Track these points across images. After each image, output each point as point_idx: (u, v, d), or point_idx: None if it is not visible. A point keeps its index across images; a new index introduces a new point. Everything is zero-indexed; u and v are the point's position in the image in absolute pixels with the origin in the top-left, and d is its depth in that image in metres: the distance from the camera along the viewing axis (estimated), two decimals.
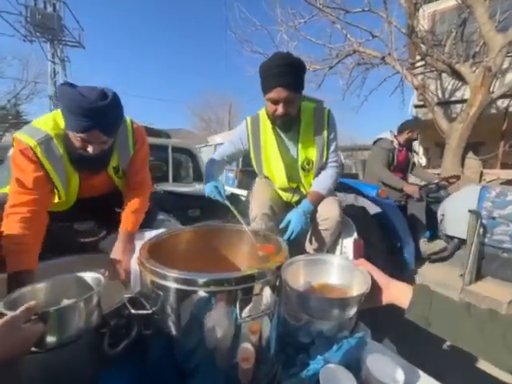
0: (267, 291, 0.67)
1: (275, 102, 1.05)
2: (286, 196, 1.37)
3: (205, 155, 7.42)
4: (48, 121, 0.98)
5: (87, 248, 1.32)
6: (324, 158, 1.23)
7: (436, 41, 5.63)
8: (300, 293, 0.68)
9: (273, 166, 1.28)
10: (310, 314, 0.69)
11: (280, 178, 1.27)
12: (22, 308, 0.48)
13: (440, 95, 6.88)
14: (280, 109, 1.05)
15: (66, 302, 0.62)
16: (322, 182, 1.22)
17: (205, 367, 0.70)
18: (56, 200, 1.09)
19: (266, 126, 1.24)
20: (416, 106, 7.52)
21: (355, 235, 1.31)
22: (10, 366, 0.44)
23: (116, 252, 1.04)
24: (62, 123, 0.96)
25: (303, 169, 1.25)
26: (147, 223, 1.25)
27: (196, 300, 0.64)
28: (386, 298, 0.65)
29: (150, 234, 1.09)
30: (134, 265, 0.89)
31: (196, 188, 2.13)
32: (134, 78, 61.27)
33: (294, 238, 1.07)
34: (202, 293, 0.62)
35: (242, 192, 2.23)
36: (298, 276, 0.79)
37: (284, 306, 0.81)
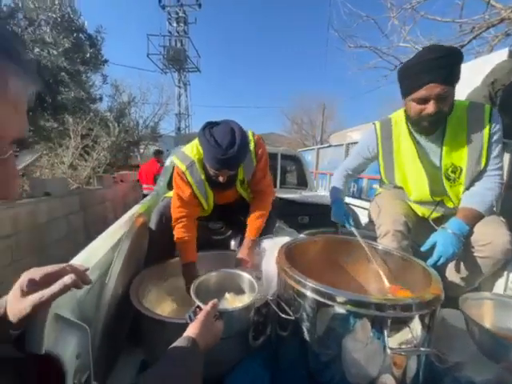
0: (421, 324, 0.60)
1: (424, 100, 0.91)
2: (423, 211, 1.17)
3: (323, 156, 7.32)
4: (193, 148, 1.26)
5: (218, 244, 1.58)
6: (481, 165, 0.97)
7: None
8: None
9: (409, 176, 1.12)
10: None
11: (420, 189, 1.10)
12: (209, 304, 0.61)
13: None
14: (430, 107, 0.90)
15: (227, 295, 0.76)
16: (480, 195, 0.97)
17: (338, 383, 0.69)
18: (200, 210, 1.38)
19: (399, 130, 1.10)
20: None
21: None
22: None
23: (242, 255, 1.20)
24: (201, 150, 1.21)
25: (447, 178, 1.03)
26: (269, 229, 1.36)
27: (337, 316, 0.64)
28: None
29: (274, 240, 1.19)
30: (267, 266, 0.98)
31: (303, 195, 2.17)
32: (235, 89, 69.00)
33: (441, 265, 0.90)
34: (342, 310, 0.62)
35: (352, 200, 2.10)
36: (485, 315, 0.67)
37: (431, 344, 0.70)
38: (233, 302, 0.80)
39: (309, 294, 0.67)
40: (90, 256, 0.77)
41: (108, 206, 3.88)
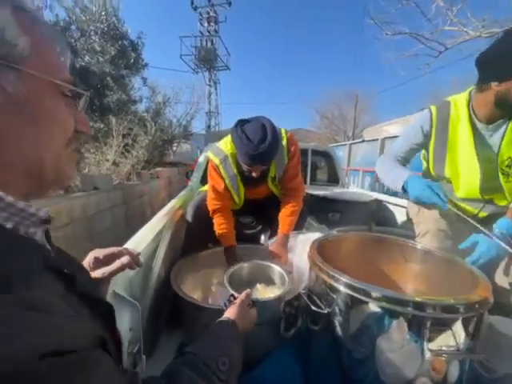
0: (466, 329, 0.56)
1: None
2: (469, 208, 1.07)
3: (355, 152, 7.00)
4: (227, 143, 1.30)
5: (248, 238, 1.62)
6: None
7: None
8: None
9: (461, 168, 1.02)
10: None
11: (470, 183, 1.01)
12: (244, 294, 0.64)
13: None
14: None
15: (258, 285, 0.79)
16: None
17: (371, 382, 0.68)
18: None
19: (459, 114, 1.00)
20: None
21: None
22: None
23: (275, 250, 1.23)
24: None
25: (503, 172, 0.94)
26: (300, 224, 1.36)
27: (371, 312, 0.63)
28: None
29: (304, 236, 1.19)
30: (298, 261, 1.00)
31: (334, 191, 2.11)
32: (263, 86, 68.69)
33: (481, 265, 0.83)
34: (378, 307, 0.61)
35: (387, 198, 2.00)
36: None
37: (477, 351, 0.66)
38: (264, 293, 0.83)
39: (342, 288, 0.66)
40: (139, 242, 0.85)
41: (146, 201, 4.17)
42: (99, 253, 0.53)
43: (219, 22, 15.83)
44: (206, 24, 15.57)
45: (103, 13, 3.35)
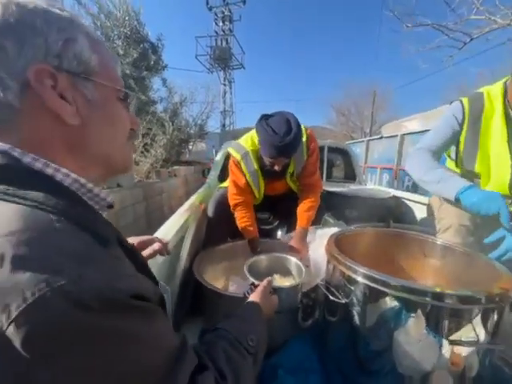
0: (485, 321, 0.57)
1: None
2: None
3: (372, 149, 6.85)
4: (248, 139, 1.33)
5: (265, 234, 1.65)
6: None
7: None
8: None
9: (493, 162, 0.97)
10: None
11: (500, 179, 0.97)
12: (265, 281, 0.68)
13: None
14: None
15: (276, 275, 0.82)
16: None
17: (388, 374, 0.69)
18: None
19: (493, 106, 0.95)
20: None
21: None
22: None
23: (294, 244, 1.25)
24: (256, 142, 1.28)
25: None
26: (317, 220, 1.38)
27: (389, 303, 0.64)
28: None
29: (322, 230, 1.21)
30: (315, 255, 1.02)
31: (351, 188, 2.10)
32: (277, 84, 68.11)
33: (506, 260, 0.81)
34: (396, 297, 0.62)
35: (405, 194, 1.96)
36: None
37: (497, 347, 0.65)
38: (281, 282, 0.86)
39: (360, 279, 0.68)
40: (166, 232, 0.92)
41: (164, 198, 4.32)
42: (134, 240, 0.59)
43: (234, 21, 15.91)
44: (220, 23, 15.70)
45: (126, 17, 3.50)
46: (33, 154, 0.31)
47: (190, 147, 9.74)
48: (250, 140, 1.33)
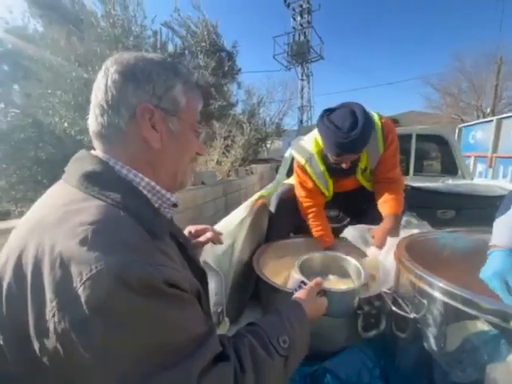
0: None
1: None
2: None
3: (506, 132, 4.77)
4: (311, 141, 1.25)
5: (334, 233, 1.55)
6: None
7: None
8: None
9: None
10: None
11: None
12: (314, 281, 0.64)
13: None
14: None
15: (330, 276, 0.76)
16: None
17: None
18: None
19: None
20: None
21: None
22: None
23: (379, 232, 1.10)
24: (320, 142, 1.19)
25: None
26: None
27: (476, 328, 0.50)
28: None
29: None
30: (385, 260, 0.89)
31: (448, 183, 1.70)
32: (363, 69, 61.44)
33: None
34: (486, 322, 0.48)
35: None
36: None
37: None
38: (335, 284, 0.79)
39: (437, 295, 0.56)
40: (225, 225, 1.01)
41: (242, 194, 4.66)
42: (192, 228, 0.70)
43: (312, 12, 15.38)
44: (298, 18, 15.46)
45: (205, 33, 3.93)
46: (121, 162, 0.42)
47: (268, 145, 10.08)
48: (313, 141, 1.24)
